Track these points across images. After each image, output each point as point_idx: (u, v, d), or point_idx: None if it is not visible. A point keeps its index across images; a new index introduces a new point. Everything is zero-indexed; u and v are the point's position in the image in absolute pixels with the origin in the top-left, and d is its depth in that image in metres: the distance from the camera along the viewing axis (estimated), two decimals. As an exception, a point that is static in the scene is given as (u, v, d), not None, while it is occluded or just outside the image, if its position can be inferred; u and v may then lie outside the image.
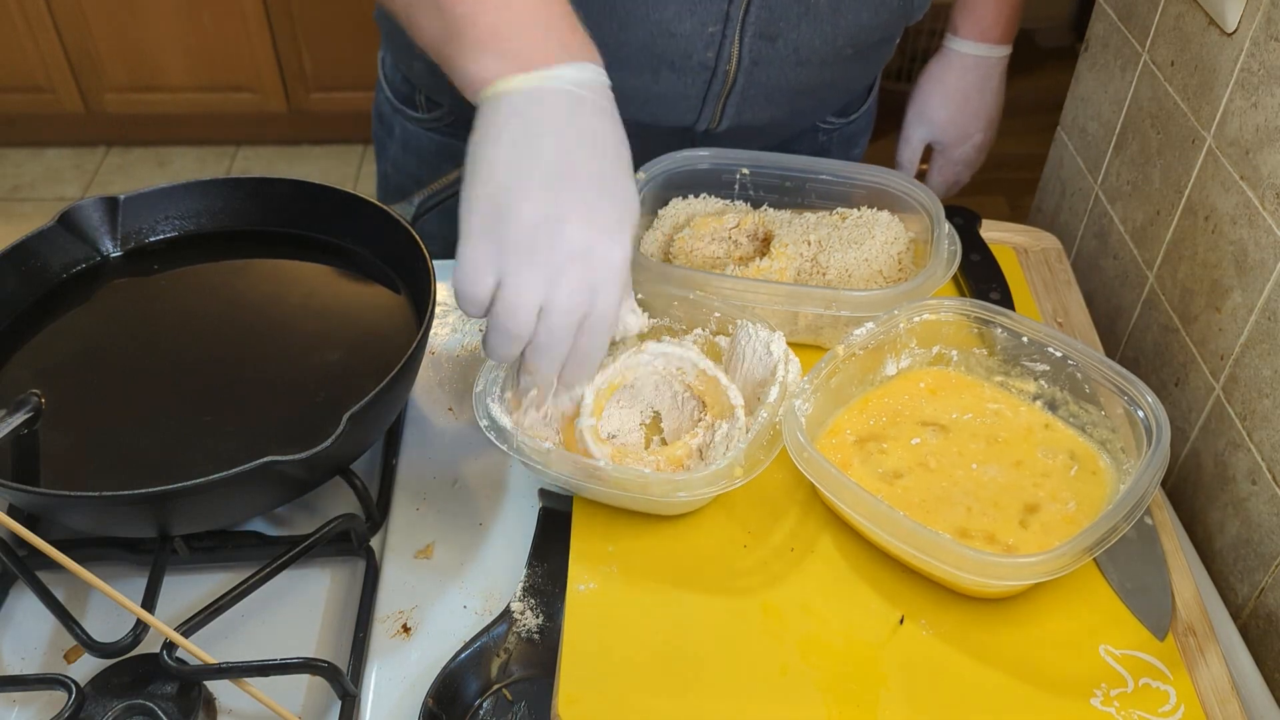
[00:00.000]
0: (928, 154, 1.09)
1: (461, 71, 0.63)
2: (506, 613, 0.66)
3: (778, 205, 0.88)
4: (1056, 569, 0.59)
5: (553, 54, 0.62)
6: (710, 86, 0.85)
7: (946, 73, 1.03)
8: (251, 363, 0.76)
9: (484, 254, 0.60)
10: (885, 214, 0.86)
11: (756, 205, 0.88)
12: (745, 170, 0.87)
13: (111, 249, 0.83)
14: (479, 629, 0.65)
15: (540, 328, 0.61)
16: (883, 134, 1.13)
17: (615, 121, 0.63)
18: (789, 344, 0.72)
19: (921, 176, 1.10)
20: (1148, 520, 0.70)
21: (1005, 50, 1.02)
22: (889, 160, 1.09)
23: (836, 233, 0.83)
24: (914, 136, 1.07)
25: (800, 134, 1.02)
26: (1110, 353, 0.91)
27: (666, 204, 0.88)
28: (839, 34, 0.85)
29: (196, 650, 0.59)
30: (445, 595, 0.69)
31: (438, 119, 0.98)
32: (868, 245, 0.83)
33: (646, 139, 0.91)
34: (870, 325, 0.72)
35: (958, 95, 1.04)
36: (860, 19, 0.85)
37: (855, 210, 0.87)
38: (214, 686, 0.64)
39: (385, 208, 0.81)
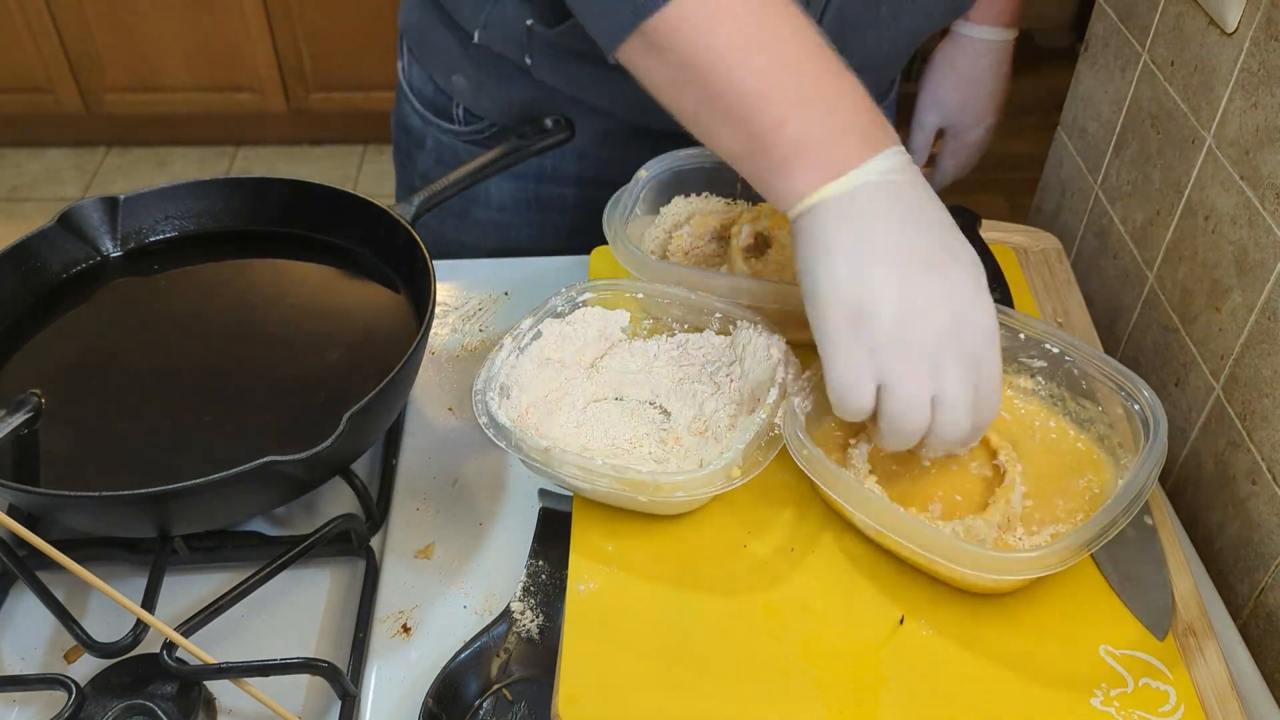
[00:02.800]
0: (937, 140, 1.10)
1: (771, 187, 0.64)
2: (506, 613, 0.66)
3: None
4: (1055, 564, 0.59)
5: (858, 152, 0.61)
6: None
7: (959, 57, 1.04)
8: (251, 363, 0.76)
9: (858, 363, 0.60)
10: None
11: (757, 204, 0.88)
12: None
13: (111, 249, 0.83)
14: (479, 629, 0.65)
15: (938, 418, 0.61)
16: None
17: (930, 193, 0.63)
18: (787, 343, 0.72)
19: (931, 161, 1.11)
20: (1147, 520, 0.70)
21: (1014, 34, 1.03)
22: None
23: None
24: (927, 122, 1.07)
25: None
26: (1110, 353, 0.91)
27: (669, 202, 0.88)
28: (898, 39, 0.85)
29: (196, 650, 0.59)
30: (445, 595, 0.69)
31: (478, 131, 0.98)
32: None
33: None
34: (870, 325, 0.72)
35: (970, 79, 1.04)
36: (917, 22, 0.86)
37: None
38: (214, 686, 0.64)
39: (385, 208, 0.81)
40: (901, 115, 1.11)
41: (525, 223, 1.02)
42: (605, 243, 0.89)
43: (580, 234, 1.02)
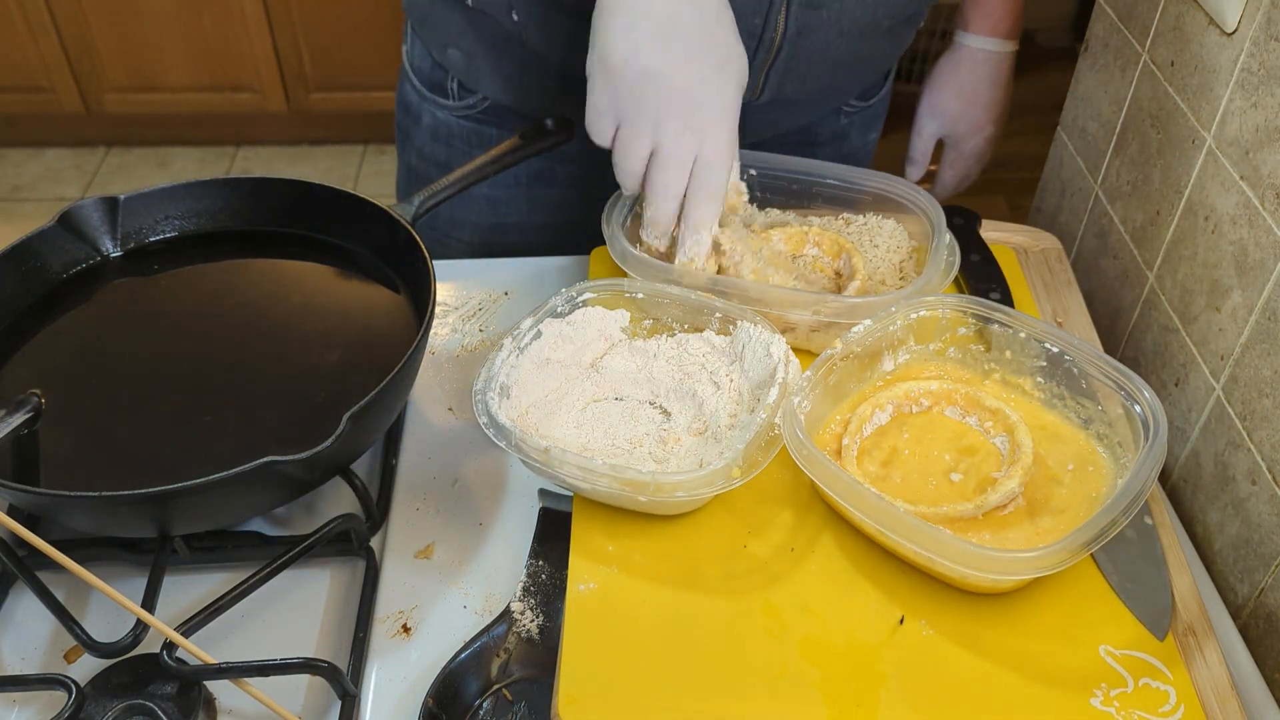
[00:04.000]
0: (938, 150, 1.10)
1: None
2: (506, 613, 0.66)
3: (783, 207, 0.88)
4: (1055, 564, 0.59)
5: None
6: (755, 56, 0.86)
7: (959, 67, 1.05)
8: (251, 363, 0.76)
9: (603, 103, 0.73)
10: (890, 222, 0.86)
11: (762, 207, 0.88)
12: (753, 171, 0.87)
13: (111, 249, 0.83)
14: (479, 629, 0.65)
15: (651, 166, 0.73)
16: (886, 133, 1.13)
17: None
18: (787, 343, 0.72)
19: (932, 175, 1.11)
20: (1147, 520, 0.70)
21: (1014, 45, 1.04)
22: (897, 158, 1.10)
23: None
24: (926, 130, 1.08)
25: (824, 116, 1.03)
26: (1110, 353, 0.91)
27: None
28: (879, 4, 0.85)
29: (196, 650, 0.59)
30: (445, 595, 0.69)
31: (470, 106, 0.99)
32: (870, 254, 0.83)
33: None
34: (868, 322, 0.72)
35: (970, 89, 1.05)
36: None
37: (860, 217, 0.87)
38: (214, 686, 0.64)
39: (385, 208, 0.81)
40: (901, 121, 1.12)
41: (515, 198, 1.04)
42: (593, 220, 0.89)
43: (569, 209, 1.02)
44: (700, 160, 0.73)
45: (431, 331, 0.78)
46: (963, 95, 1.05)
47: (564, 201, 1.04)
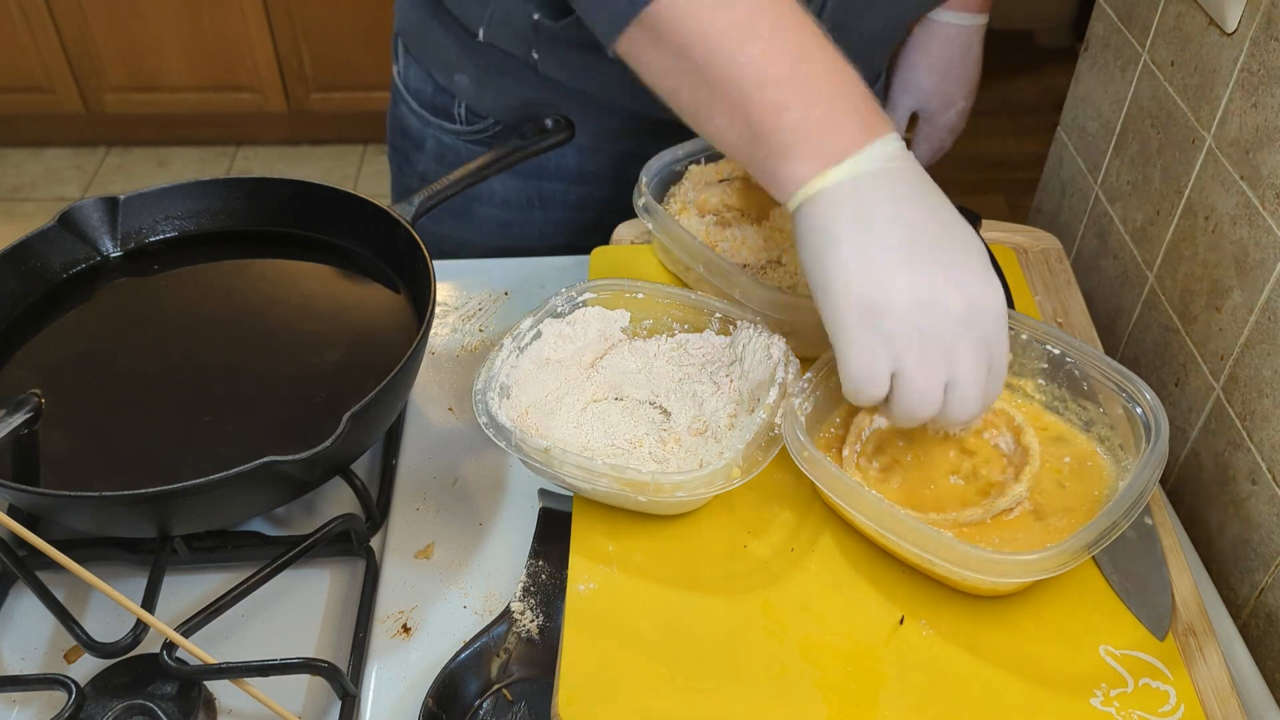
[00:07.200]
0: (912, 123, 1.11)
1: (771, 175, 0.63)
2: (506, 613, 0.66)
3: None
4: (1056, 566, 0.59)
5: (857, 138, 0.61)
6: None
7: (930, 42, 1.05)
8: (251, 363, 0.76)
9: (873, 354, 0.60)
10: None
11: None
12: None
13: (111, 249, 0.83)
14: (479, 629, 0.65)
15: (950, 401, 0.61)
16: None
17: (928, 178, 0.63)
18: (787, 343, 0.71)
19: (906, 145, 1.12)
20: (1147, 520, 0.70)
21: (984, 19, 1.05)
22: None
23: None
24: (900, 105, 1.09)
25: None
26: (1110, 353, 0.91)
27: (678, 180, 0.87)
28: (895, 17, 0.86)
29: (196, 650, 0.59)
30: (445, 595, 0.69)
31: (480, 130, 0.98)
32: None
33: None
34: (870, 325, 0.72)
35: (942, 64, 1.06)
36: (913, 1, 0.86)
37: None
38: (214, 686, 0.64)
39: (385, 208, 0.81)
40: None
41: (527, 219, 1.03)
42: (605, 242, 0.89)
43: (581, 233, 1.02)
44: (990, 373, 0.62)
45: (431, 331, 0.78)
46: (935, 70, 1.06)
47: (574, 223, 1.03)
